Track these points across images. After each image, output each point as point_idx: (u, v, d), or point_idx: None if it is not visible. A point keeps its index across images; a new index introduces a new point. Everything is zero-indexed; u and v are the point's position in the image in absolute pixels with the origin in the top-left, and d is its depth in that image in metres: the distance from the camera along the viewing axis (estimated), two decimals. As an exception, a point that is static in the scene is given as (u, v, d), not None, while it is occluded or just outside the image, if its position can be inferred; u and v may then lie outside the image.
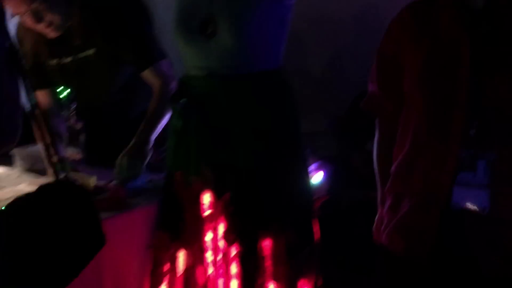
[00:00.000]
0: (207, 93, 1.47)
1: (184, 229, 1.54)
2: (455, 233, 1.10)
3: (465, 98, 1.08)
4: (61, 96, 2.01)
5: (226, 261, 1.46)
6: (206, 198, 1.47)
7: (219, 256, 1.47)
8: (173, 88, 1.71)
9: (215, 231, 1.48)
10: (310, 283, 1.47)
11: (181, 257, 1.57)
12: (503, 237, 1.07)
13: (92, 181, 1.65)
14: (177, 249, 1.57)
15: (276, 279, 1.49)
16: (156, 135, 1.77)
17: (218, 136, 1.45)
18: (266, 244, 1.47)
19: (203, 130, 1.46)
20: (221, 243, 1.46)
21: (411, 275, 1.18)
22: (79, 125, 1.93)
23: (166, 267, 1.58)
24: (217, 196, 1.46)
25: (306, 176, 1.50)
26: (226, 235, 1.45)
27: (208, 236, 1.49)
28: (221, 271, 1.47)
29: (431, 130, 1.13)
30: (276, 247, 1.47)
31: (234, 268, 1.46)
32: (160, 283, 1.58)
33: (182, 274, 1.56)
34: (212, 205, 1.46)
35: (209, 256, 1.50)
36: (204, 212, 1.48)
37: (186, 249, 1.54)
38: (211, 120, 1.47)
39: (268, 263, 1.48)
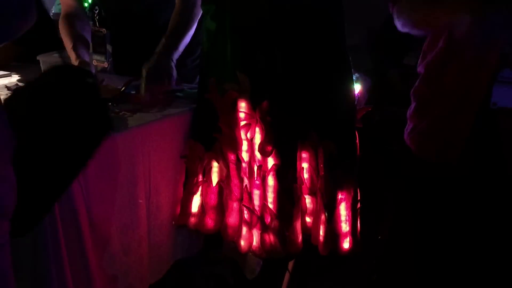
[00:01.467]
0: None
1: (218, 139, 1.48)
2: (490, 137, 1.03)
3: None
4: (85, 4, 1.91)
5: (263, 173, 1.40)
6: (242, 107, 1.39)
7: (255, 168, 1.42)
8: None
9: (251, 142, 1.41)
10: (349, 197, 1.41)
11: (215, 168, 1.52)
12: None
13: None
14: (210, 160, 1.52)
15: (313, 192, 1.44)
16: (184, 44, 1.67)
17: (255, 40, 1.34)
18: (305, 156, 1.41)
19: (239, 33, 1.35)
20: (258, 155, 1.40)
21: (439, 180, 1.13)
22: (103, 31, 1.84)
23: (200, 177, 1.54)
24: (253, 104, 1.37)
25: (349, 86, 1.39)
26: (262, 146, 1.37)
27: (244, 147, 1.43)
28: (257, 183, 1.42)
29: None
30: (315, 159, 1.40)
31: (270, 181, 1.40)
32: (193, 193, 1.54)
33: (216, 185, 1.52)
34: (248, 114, 1.38)
35: (244, 168, 1.44)
36: (239, 121, 1.41)
37: (220, 160, 1.49)
38: (247, 21, 1.35)
39: (306, 176, 1.42)
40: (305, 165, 1.41)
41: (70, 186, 1.14)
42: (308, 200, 1.44)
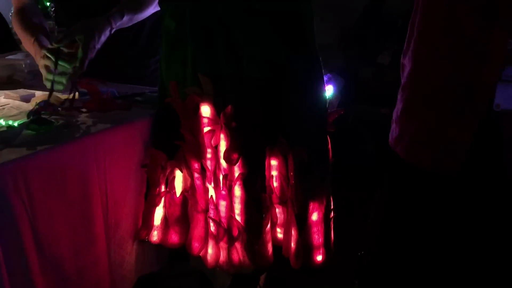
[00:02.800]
0: None
1: (181, 147, 1.37)
2: (493, 142, 0.93)
3: None
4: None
5: (229, 183, 1.30)
6: (205, 112, 1.29)
7: (221, 177, 1.32)
8: None
9: (215, 149, 1.31)
10: (321, 206, 1.32)
11: (179, 177, 1.42)
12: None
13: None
14: (173, 169, 1.41)
15: (283, 202, 1.35)
16: (132, 20, 1.57)
17: (218, 40, 1.24)
18: (274, 163, 1.31)
19: (201, 32, 1.25)
20: (223, 163, 1.30)
21: (434, 191, 1.03)
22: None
23: (162, 188, 1.43)
24: (217, 109, 1.27)
25: (320, 88, 1.30)
26: (228, 154, 1.27)
27: (208, 155, 1.33)
28: (223, 193, 1.32)
29: (474, 16, 0.92)
30: (285, 166, 1.31)
31: (237, 191, 1.30)
32: (155, 205, 1.43)
33: (180, 196, 1.42)
34: (212, 120, 1.28)
35: (209, 177, 1.34)
36: (203, 127, 1.30)
37: (184, 168, 1.39)
38: (210, 20, 1.25)
39: (276, 184, 1.33)
40: (274, 173, 1.32)
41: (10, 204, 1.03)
42: (278, 210, 1.34)
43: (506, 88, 0.88)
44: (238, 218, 1.32)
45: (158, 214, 1.45)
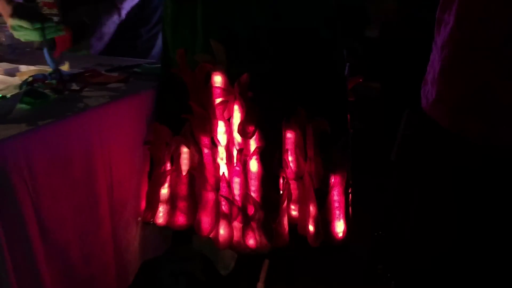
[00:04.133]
0: None
1: (188, 121, 1.27)
2: None
3: None
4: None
5: (244, 158, 1.21)
6: (217, 82, 1.19)
7: (235, 152, 1.22)
8: None
9: (228, 122, 1.22)
10: (343, 180, 1.25)
11: (185, 154, 1.32)
12: None
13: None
14: (179, 145, 1.31)
15: (299, 177, 1.27)
16: None
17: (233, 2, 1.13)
18: (290, 136, 1.23)
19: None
20: (237, 137, 1.21)
21: (484, 166, 0.93)
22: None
23: (167, 166, 1.33)
24: (231, 78, 1.17)
25: (342, 53, 1.21)
26: (243, 127, 1.18)
27: (220, 128, 1.23)
28: (237, 169, 1.23)
29: None
30: (302, 139, 1.23)
31: (253, 166, 1.21)
32: (160, 185, 1.33)
33: (186, 174, 1.32)
34: (225, 90, 1.18)
35: (221, 152, 1.25)
36: (214, 99, 1.20)
37: (191, 144, 1.29)
38: None
39: (291, 158, 1.25)
40: (290, 146, 1.23)
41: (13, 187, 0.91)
42: (292, 186, 1.26)
43: None
44: (253, 195, 1.23)
45: (163, 194, 1.35)
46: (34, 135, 0.96)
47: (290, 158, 1.25)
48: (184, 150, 1.31)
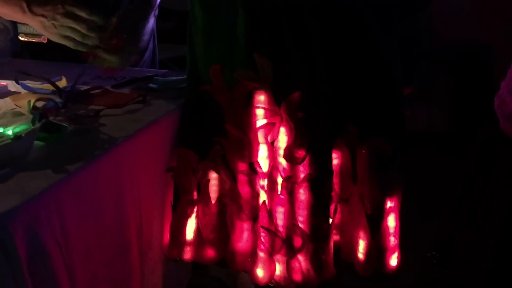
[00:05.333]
0: None
1: (218, 144, 1.12)
2: None
3: None
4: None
5: (291, 185, 1.07)
6: (261, 101, 1.03)
7: (279, 180, 1.08)
8: None
9: (271, 145, 1.07)
10: (399, 205, 1.13)
11: (213, 180, 1.17)
12: None
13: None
14: (207, 171, 1.15)
15: (344, 200, 1.14)
16: None
17: (280, 9, 0.98)
18: (335, 156, 1.09)
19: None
20: (283, 162, 1.06)
21: None
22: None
23: (194, 195, 1.17)
24: (277, 97, 1.02)
25: (398, 62, 1.08)
26: (290, 151, 1.04)
27: (262, 153, 1.08)
28: (282, 198, 1.09)
29: None
30: (349, 158, 1.10)
31: (302, 195, 1.07)
32: (187, 216, 1.17)
33: (216, 202, 1.17)
34: (270, 110, 1.03)
35: (262, 179, 1.10)
36: (255, 120, 1.05)
37: (221, 169, 1.13)
38: None
39: (338, 180, 1.12)
40: (335, 167, 1.10)
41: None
42: (338, 209, 1.14)
43: None
44: (301, 225, 1.10)
45: (190, 226, 1.19)
46: (65, 184, 0.78)
47: (335, 180, 1.13)
48: (213, 176, 1.16)
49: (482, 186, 1.03)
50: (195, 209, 1.18)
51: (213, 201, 1.17)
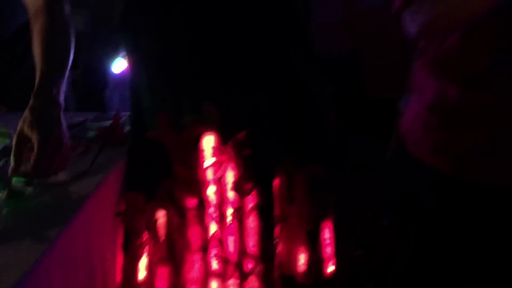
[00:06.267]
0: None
1: (164, 184, 1.17)
2: None
3: None
4: None
5: (240, 215, 1.16)
6: (209, 142, 1.11)
7: (229, 211, 1.17)
8: None
9: (219, 181, 1.15)
10: (333, 219, 1.28)
11: (162, 218, 1.21)
12: None
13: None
14: (154, 210, 1.20)
15: (284, 219, 1.27)
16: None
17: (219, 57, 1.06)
18: (281, 182, 1.21)
19: (197, 54, 1.05)
20: (231, 195, 1.15)
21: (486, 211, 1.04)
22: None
23: (144, 236, 1.21)
24: (223, 137, 1.11)
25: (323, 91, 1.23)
26: (239, 185, 1.13)
27: (211, 189, 1.16)
28: (232, 227, 1.18)
29: None
30: (287, 182, 1.22)
31: (252, 222, 1.17)
32: (139, 257, 1.21)
33: (164, 239, 1.22)
34: (218, 149, 1.11)
35: (211, 212, 1.18)
36: (203, 160, 1.13)
37: (169, 207, 1.19)
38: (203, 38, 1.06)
39: (281, 204, 1.24)
40: (283, 193, 1.22)
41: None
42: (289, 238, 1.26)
43: None
44: (253, 249, 1.20)
45: (142, 266, 1.22)
46: (51, 252, 0.79)
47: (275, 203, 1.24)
48: (161, 214, 1.21)
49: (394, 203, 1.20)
50: (146, 248, 1.22)
51: (162, 238, 1.22)
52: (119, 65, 2.34)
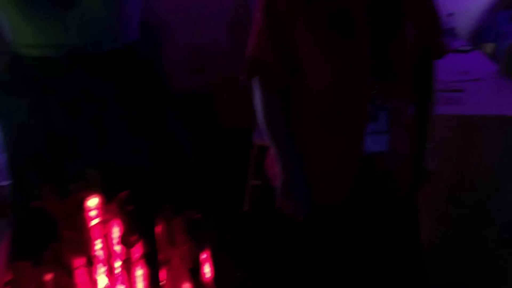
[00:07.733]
0: (65, 78, 1.13)
1: (50, 248, 1.23)
2: (368, 174, 1.31)
3: (368, 62, 1.23)
4: None
5: (128, 266, 1.27)
6: (93, 204, 1.20)
7: (117, 263, 1.27)
8: None
9: (105, 237, 1.25)
10: (210, 252, 1.44)
11: (49, 281, 1.27)
12: (397, 166, 1.34)
13: None
14: (41, 275, 1.25)
15: (166, 262, 1.40)
16: None
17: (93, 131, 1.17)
18: (162, 229, 1.34)
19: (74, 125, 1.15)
20: (118, 248, 1.25)
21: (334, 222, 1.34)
22: None
23: (35, 300, 1.25)
24: (107, 198, 1.21)
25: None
26: (125, 238, 1.24)
27: (98, 246, 1.25)
28: (121, 278, 1.28)
29: (341, 92, 1.25)
30: (168, 229, 1.36)
31: (139, 270, 1.29)
32: (31, 323, 1.24)
33: (55, 298, 1.27)
34: (103, 210, 1.21)
35: (99, 267, 1.26)
36: (89, 221, 1.21)
37: (57, 269, 1.25)
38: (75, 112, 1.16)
39: (163, 248, 1.37)
40: (164, 238, 1.35)
41: None
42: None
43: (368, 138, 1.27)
44: (143, 294, 1.31)
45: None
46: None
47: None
48: (48, 277, 1.26)
49: None
50: (38, 312, 1.26)
51: (52, 299, 1.27)
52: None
